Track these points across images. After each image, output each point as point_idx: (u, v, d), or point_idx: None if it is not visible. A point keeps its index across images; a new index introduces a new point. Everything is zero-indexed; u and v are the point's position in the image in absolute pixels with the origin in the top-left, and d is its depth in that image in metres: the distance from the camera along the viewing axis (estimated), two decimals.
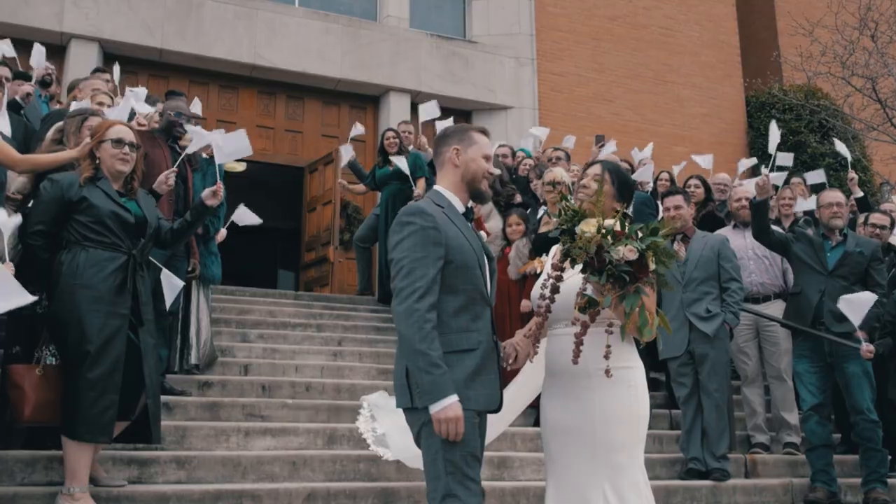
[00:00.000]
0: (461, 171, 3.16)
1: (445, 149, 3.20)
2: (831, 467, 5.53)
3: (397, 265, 2.93)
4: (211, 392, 5.78)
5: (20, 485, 4.22)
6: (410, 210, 3.01)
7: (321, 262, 11.38)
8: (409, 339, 2.84)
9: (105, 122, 4.37)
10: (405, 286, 2.88)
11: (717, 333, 5.56)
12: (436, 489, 2.94)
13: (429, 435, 2.93)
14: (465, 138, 3.20)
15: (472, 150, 3.18)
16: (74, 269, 3.98)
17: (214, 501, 4.26)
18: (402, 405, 3.01)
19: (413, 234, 2.94)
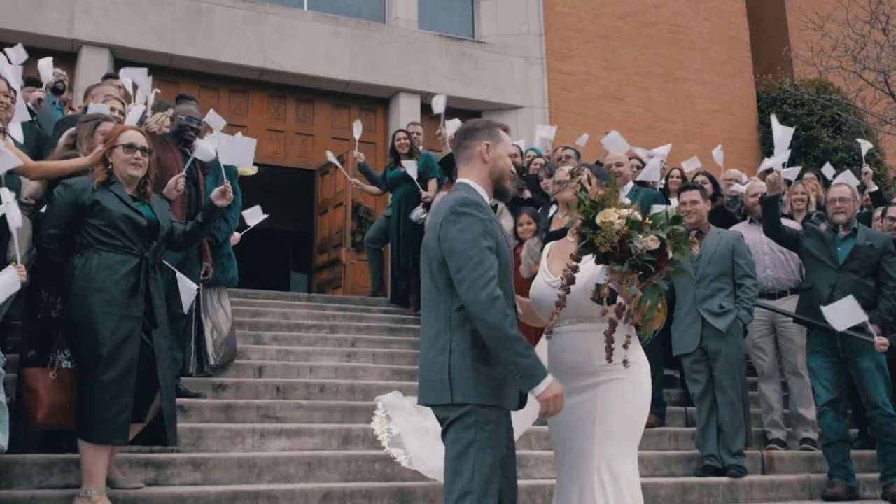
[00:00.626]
0: (489, 167, 3.17)
1: (475, 143, 3.19)
2: (849, 462, 5.49)
3: (463, 255, 2.90)
4: (225, 394, 5.80)
5: (37, 488, 4.24)
6: (466, 201, 3.00)
7: (333, 265, 11.39)
8: (499, 325, 2.83)
9: (117, 127, 4.40)
10: (479, 276, 2.87)
11: (730, 330, 5.54)
12: (456, 484, 2.93)
13: (466, 428, 2.93)
14: (494, 135, 3.21)
15: (500, 147, 3.21)
16: (87, 272, 4.00)
17: (231, 502, 4.27)
18: (436, 401, 2.98)
19: (473, 225, 2.94)
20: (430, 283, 3.07)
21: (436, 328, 3.03)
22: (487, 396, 2.95)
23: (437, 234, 3.01)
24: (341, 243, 11.28)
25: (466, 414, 2.93)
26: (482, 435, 2.93)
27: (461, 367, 2.96)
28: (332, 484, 4.56)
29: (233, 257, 6.33)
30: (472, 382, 2.95)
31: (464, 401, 2.92)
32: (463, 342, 2.97)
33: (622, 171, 6.55)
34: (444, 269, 2.99)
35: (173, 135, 5.82)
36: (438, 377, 2.98)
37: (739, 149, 13.85)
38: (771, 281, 6.55)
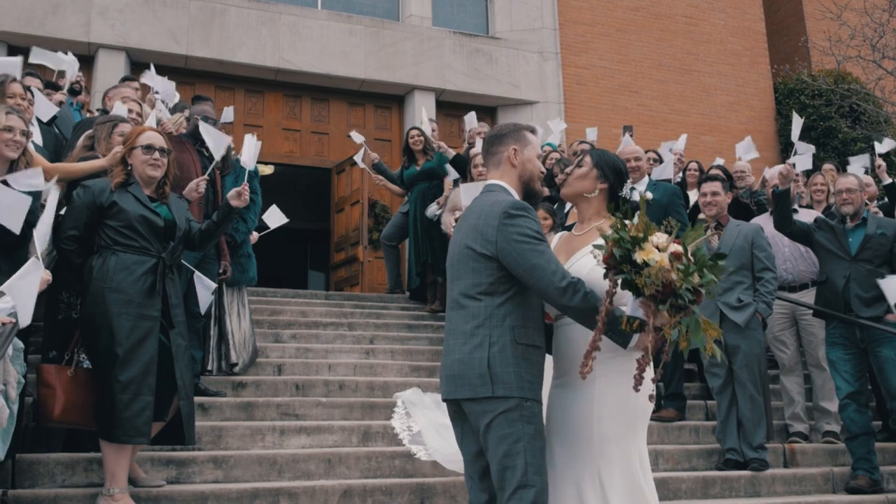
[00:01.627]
0: (518, 171, 3.23)
1: (503, 148, 3.24)
2: (873, 454, 5.44)
3: (533, 250, 2.96)
4: (245, 392, 5.82)
5: (61, 487, 4.28)
6: (518, 205, 3.07)
7: (351, 262, 11.42)
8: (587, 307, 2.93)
9: (136, 128, 4.43)
10: (554, 268, 2.96)
11: (748, 324, 5.50)
12: (509, 478, 2.95)
13: (511, 422, 2.96)
14: (521, 138, 3.25)
15: (528, 151, 3.25)
16: (105, 273, 4.03)
17: (252, 500, 4.29)
18: (474, 395, 2.99)
19: (532, 224, 3.02)
20: (467, 279, 3.09)
21: (472, 323, 3.04)
22: (529, 390, 3.00)
23: (485, 234, 3.04)
24: (358, 241, 11.31)
25: (511, 409, 2.96)
26: (529, 429, 2.97)
27: (502, 361, 2.99)
28: (352, 481, 4.57)
29: (252, 257, 6.35)
30: (514, 376, 2.98)
31: (506, 394, 2.96)
32: (503, 337, 3.01)
33: (640, 165, 6.53)
34: (488, 267, 3.04)
35: (190, 135, 5.85)
36: (477, 371, 2.99)
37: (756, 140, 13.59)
38: (791, 273, 6.50)
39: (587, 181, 3.28)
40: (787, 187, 5.85)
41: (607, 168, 3.28)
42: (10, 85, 4.82)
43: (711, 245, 5.74)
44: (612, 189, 3.29)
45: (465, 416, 3.11)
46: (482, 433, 3.03)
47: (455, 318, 3.15)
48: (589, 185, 3.27)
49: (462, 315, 3.10)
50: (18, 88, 4.87)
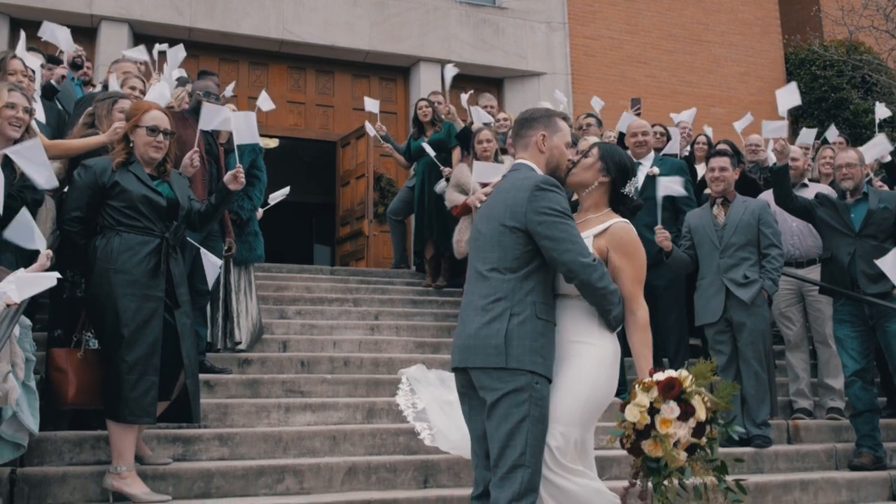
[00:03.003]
0: (546, 157, 3.27)
1: (532, 133, 3.29)
2: (877, 432, 5.44)
3: (564, 225, 3.03)
4: (251, 369, 5.85)
5: (69, 464, 4.32)
6: (549, 180, 3.13)
7: (356, 237, 11.41)
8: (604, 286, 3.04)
9: (141, 105, 4.39)
10: (582, 245, 3.04)
11: (754, 300, 5.48)
12: (507, 456, 2.97)
13: (519, 403, 2.98)
14: (551, 125, 3.30)
15: (556, 138, 3.29)
16: (109, 253, 4.03)
17: (258, 477, 4.32)
18: (486, 364, 3.02)
19: (562, 200, 3.07)
20: (493, 254, 3.13)
21: (494, 296, 3.08)
22: (541, 366, 3.02)
23: (514, 207, 3.09)
24: (364, 215, 11.28)
25: (520, 389, 2.98)
26: (535, 410, 2.99)
27: (520, 334, 3.03)
28: (356, 458, 4.59)
29: (259, 235, 6.34)
30: (528, 350, 3.02)
31: (518, 366, 2.99)
32: (524, 312, 3.05)
33: (647, 140, 6.48)
34: (516, 242, 3.08)
35: (192, 111, 5.81)
36: (493, 342, 3.03)
37: (767, 112, 13.49)
38: (798, 249, 6.46)
39: (590, 172, 3.34)
40: (785, 163, 5.80)
41: (612, 163, 3.33)
42: (11, 62, 4.80)
43: (718, 222, 5.71)
44: (614, 184, 3.34)
45: (474, 390, 3.13)
46: (487, 408, 3.05)
47: (475, 290, 3.19)
48: (591, 177, 3.33)
49: (483, 287, 3.13)
50: (19, 65, 4.85)
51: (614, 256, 3.18)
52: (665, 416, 2.87)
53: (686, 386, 2.89)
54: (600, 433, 4.25)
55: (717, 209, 5.74)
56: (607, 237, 3.21)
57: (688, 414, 2.88)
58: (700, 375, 2.96)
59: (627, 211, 3.35)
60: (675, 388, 2.87)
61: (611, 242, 3.19)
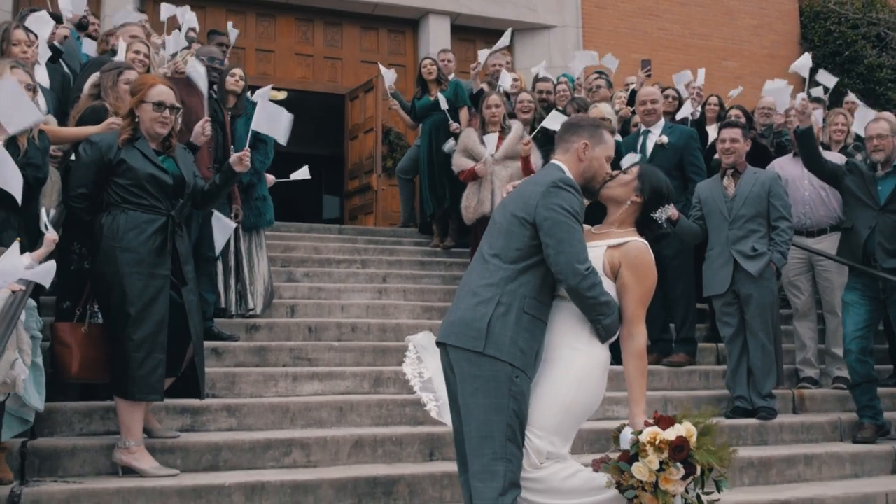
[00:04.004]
0: (584, 165, 3.25)
1: (575, 139, 3.27)
2: (876, 400, 5.45)
3: (566, 226, 3.02)
4: (258, 335, 5.88)
5: (79, 435, 4.38)
6: (568, 180, 3.13)
7: (365, 191, 11.37)
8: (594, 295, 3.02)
9: (146, 79, 4.33)
10: (580, 249, 3.04)
11: (762, 273, 5.45)
12: (486, 447, 2.98)
13: (499, 395, 2.98)
14: (596, 135, 3.28)
15: (599, 149, 3.27)
16: (115, 231, 4.02)
17: (265, 450, 4.37)
18: (465, 345, 3.03)
19: (574, 203, 3.08)
20: (499, 240, 3.15)
21: (487, 281, 3.10)
22: (519, 359, 3.02)
23: (528, 199, 3.10)
24: (372, 169, 11.22)
25: (499, 379, 2.97)
26: (514, 404, 2.99)
27: (503, 323, 3.03)
28: (363, 431, 4.63)
29: (269, 200, 6.32)
30: (509, 341, 3.02)
31: (495, 354, 2.99)
32: (512, 303, 3.05)
33: (656, 108, 6.40)
34: (523, 233, 3.09)
35: None
36: (476, 325, 3.03)
37: (780, 66, 13.33)
38: (810, 218, 6.40)
39: (625, 189, 3.31)
40: (809, 125, 5.71)
41: (648, 185, 3.30)
42: (14, 32, 4.73)
43: (728, 193, 5.66)
44: (646, 206, 3.30)
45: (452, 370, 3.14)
46: (463, 395, 3.06)
47: (473, 272, 3.23)
48: (624, 194, 3.30)
49: (481, 271, 3.16)
50: (21, 35, 4.78)
51: (625, 273, 3.15)
52: (670, 476, 2.90)
53: (693, 447, 2.91)
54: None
55: (727, 180, 5.68)
56: (622, 252, 3.17)
57: (689, 474, 2.92)
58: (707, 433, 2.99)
59: (652, 237, 3.33)
60: (684, 450, 2.89)
61: (625, 259, 3.16)
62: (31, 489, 3.70)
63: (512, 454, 2.97)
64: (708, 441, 2.96)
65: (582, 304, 3.06)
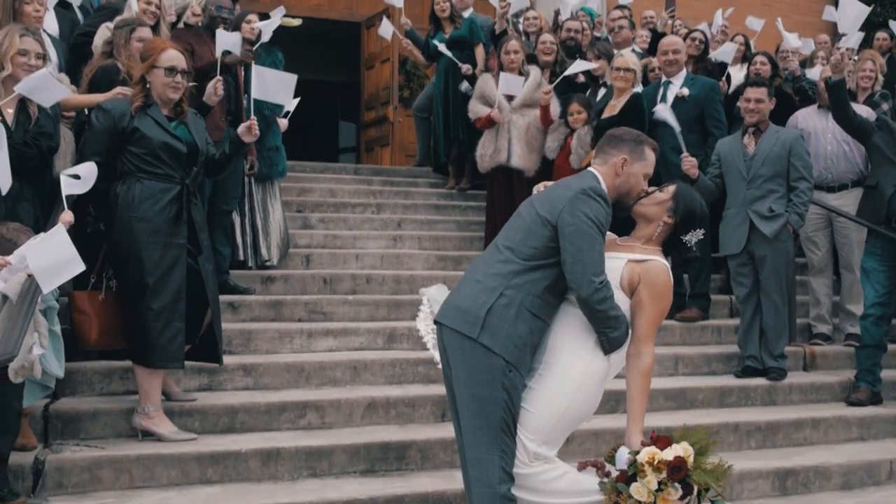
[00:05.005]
0: (620, 180, 3.23)
1: (615, 153, 3.24)
2: (878, 367, 5.47)
3: (588, 236, 3.02)
4: (274, 288, 5.93)
5: (99, 395, 4.50)
6: (598, 190, 3.11)
7: (381, 122, 11.29)
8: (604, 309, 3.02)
9: (156, 44, 4.26)
10: (597, 261, 3.03)
11: (777, 235, 5.41)
12: (480, 437, 3.04)
13: (493, 387, 3.01)
14: (637, 151, 3.24)
15: (637, 166, 3.24)
16: (130, 201, 4.03)
17: (280, 412, 4.47)
18: (461, 329, 3.06)
19: (600, 213, 3.06)
20: (518, 235, 3.15)
21: (494, 271, 3.12)
22: (512, 354, 3.04)
23: (554, 202, 3.09)
24: (389, 101, 11.11)
25: (493, 370, 3.01)
26: (507, 397, 3.03)
27: (502, 314, 3.05)
28: (376, 393, 4.71)
29: (281, 150, 6.27)
30: (505, 334, 3.04)
31: (489, 345, 3.02)
32: (516, 297, 3.06)
33: (678, 58, 6.25)
34: (543, 234, 3.08)
35: (206, 27, 5.66)
36: (474, 311, 3.06)
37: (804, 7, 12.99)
38: (831, 172, 6.31)
39: (658, 209, 3.26)
40: (841, 77, 5.58)
41: (682, 207, 3.24)
42: None
43: (748, 151, 5.57)
44: (676, 228, 3.24)
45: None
46: (457, 383, 3.11)
47: (484, 259, 3.25)
48: (657, 213, 3.25)
49: (492, 259, 3.17)
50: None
51: (643, 291, 3.12)
52: (668, 496, 2.93)
53: (691, 468, 2.94)
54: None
55: (747, 139, 5.59)
56: (644, 269, 3.14)
57: (687, 494, 2.95)
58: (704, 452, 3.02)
59: (680, 259, 3.30)
60: (682, 471, 2.92)
61: (645, 276, 3.13)
62: (54, 456, 3.82)
63: (506, 444, 3.03)
64: (704, 460, 3.00)
65: (591, 315, 3.05)
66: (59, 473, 3.76)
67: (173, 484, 3.91)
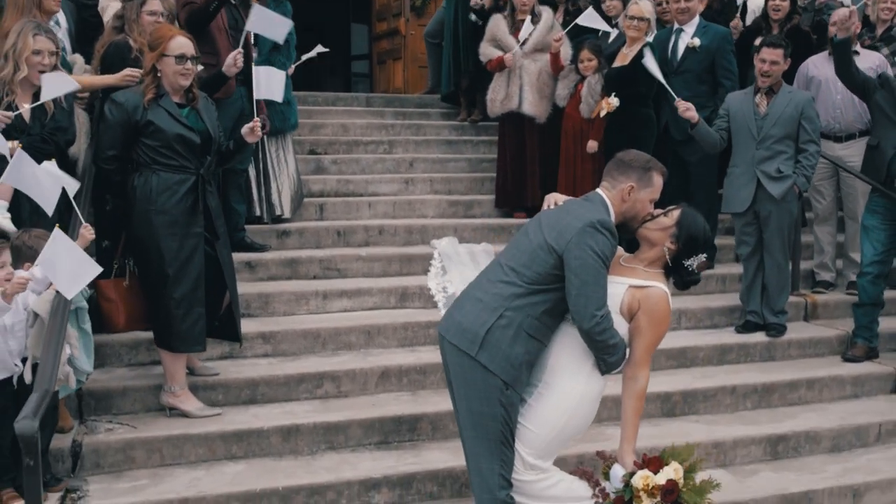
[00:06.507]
0: (627, 206, 3.34)
1: (623, 179, 3.33)
2: (875, 324, 5.62)
3: (593, 270, 3.13)
4: (290, 241, 6.11)
5: (127, 366, 4.76)
6: (607, 224, 3.22)
7: (393, 35, 11.14)
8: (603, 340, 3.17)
9: (163, 32, 4.27)
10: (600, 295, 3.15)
11: (784, 196, 5.47)
12: (480, 447, 3.29)
13: (491, 403, 3.22)
14: (644, 179, 3.33)
15: (644, 192, 3.34)
16: (148, 193, 4.15)
17: (299, 384, 4.73)
18: (460, 345, 3.26)
19: (606, 248, 3.18)
20: (524, 257, 3.28)
21: (496, 291, 3.28)
22: (509, 374, 3.23)
23: (563, 232, 3.20)
24: (400, 12, 10.93)
25: (491, 388, 3.21)
26: (504, 412, 3.24)
27: (501, 335, 3.22)
28: (389, 362, 4.93)
29: (292, 104, 6.31)
30: (503, 355, 3.22)
31: (487, 364, 3.21)
32: (515, 319, 3.23)
33: (690, 6, 6.15)
34: (548, 261, 3.21)
35: None
36: (474, 330, 3.25)
37: None
38: (839, 122, 6.30)
39: (662, 234, 3.35)
40: (847, 36, 5.52)
41: (685, 234, 3.32)
42: None
43: (759, 111, 5.55)
44: (679, 253, 3.33)
45: None
46: (458, 396, 3.34)
47: (487, 275, 3.40)
48: (660, 238, 3.34)
49: (494, 278, 3.32)
50: None
51: (642, 318, 3.25)
52: None
53: (682, 489, 3.13)
54: None
55: (759, 97, 5.56)
56: (644, 295, 3.26)
57: None
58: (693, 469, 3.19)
59: (681, 282, 3.39)
60: (674, 492, 3.13)
61: (645, 303, 3.25)
62: (91, 438, 4.10)
63: (504, 455, 3.27)
64: (693, 478, 3.21)
65: (590, 343, 3.21)
66: (95, 455, 4.05)
67: (201, 461, 4.18)
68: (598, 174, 6.21)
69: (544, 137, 6.73)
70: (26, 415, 2.82)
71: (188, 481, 3.99)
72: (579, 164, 6.38)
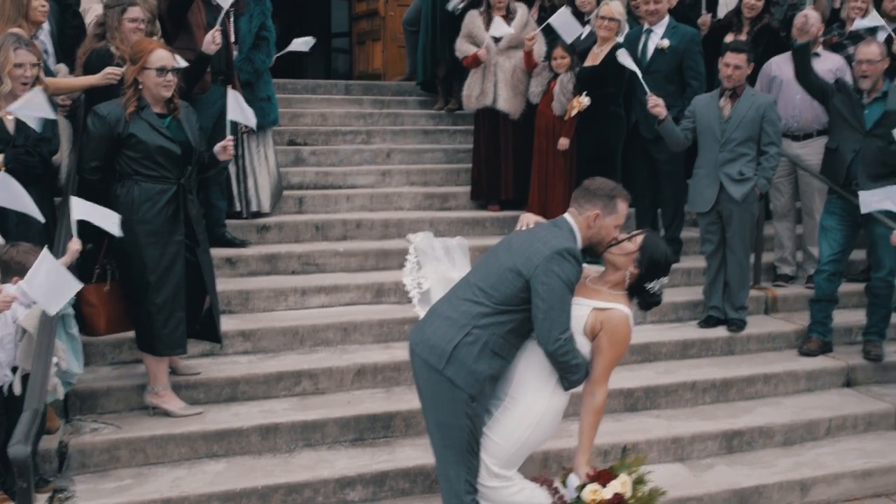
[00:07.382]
0: (592, 232, 3.51)
1: (589, 207, 3.50)
2: (829, 319, 5.86)
3: (558, 296, 3.33)
4: (269, 236, 6.27)
5: (111, 364, 4.94)
6: (574, 251, 3.40)
7: (372, 16, 11.19)
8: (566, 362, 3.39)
9: (144, 45, 4.39)
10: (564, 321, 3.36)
11: (745, 198, 5.68)
12: (448, 455, 3.51)
13: (456, 415, 3.44)
14: (609, 206, 3.50)
15: (609, 219, 3.50)
16: (130, 203, 4.30)
17: (278, 382, 4.92)
18: (429, 360, 3.46)
19: (572, 275, 3.37)
20: (492, 279, 3.46)
21: (464, 309, 3.48)
22: (473, 388, 3.44)
23: (531, 258, 3.38)
24: None
25: (457, 401, 3.42)
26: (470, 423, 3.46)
27: (467, 351, 3.43)
28: (365, 360, 5.13)
29: (273, 99, 6.43)
30: (468, 370, 3.43)
31: (453, 378, 3.42)
32: (482, 336, 3.43)
33: (658, 8, 6.29)
34: (515, 284, 3.40)
35: None
36: (442, 347, 3.45)
37: None
38: (797, 121, 6.51)
39: (625, 259, 3.51)
40: (805, 41, 5.70)
41: (647, 259, 3.49)
42: None
43: (723, 114, 5.73)
44: (641, 277, 3.50)
45: None
46: (426, 408, 3.57)
47: (457, 293, 3.60)
48: (624, 263, 3.52)
49: (463, 296, 3.52)
50: None
51: (603, 338, 3.45)
52: None
53: (628, 499, 3.36)
54: None
55: (723, 101, 5.74)
56: (606, 317, 3.44)
57: None
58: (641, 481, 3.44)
59: (644, 304, 3.58)
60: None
61: (606, 324, 3.44)
62: (77, 439, 4.28)
63: (470, 462, 3.50)
64: (641, 489, 3.45)
65: (554, 363, 3.42)
66: (81, 455, 4.24)
67: (184, 459, 4.38)
68: (569, 170, 6.47)
69: (518, 133, 6.90)
70: (18, 439, 2.96)
71: (171, 481, 4.19)
72: (551, 159, 6.55)
